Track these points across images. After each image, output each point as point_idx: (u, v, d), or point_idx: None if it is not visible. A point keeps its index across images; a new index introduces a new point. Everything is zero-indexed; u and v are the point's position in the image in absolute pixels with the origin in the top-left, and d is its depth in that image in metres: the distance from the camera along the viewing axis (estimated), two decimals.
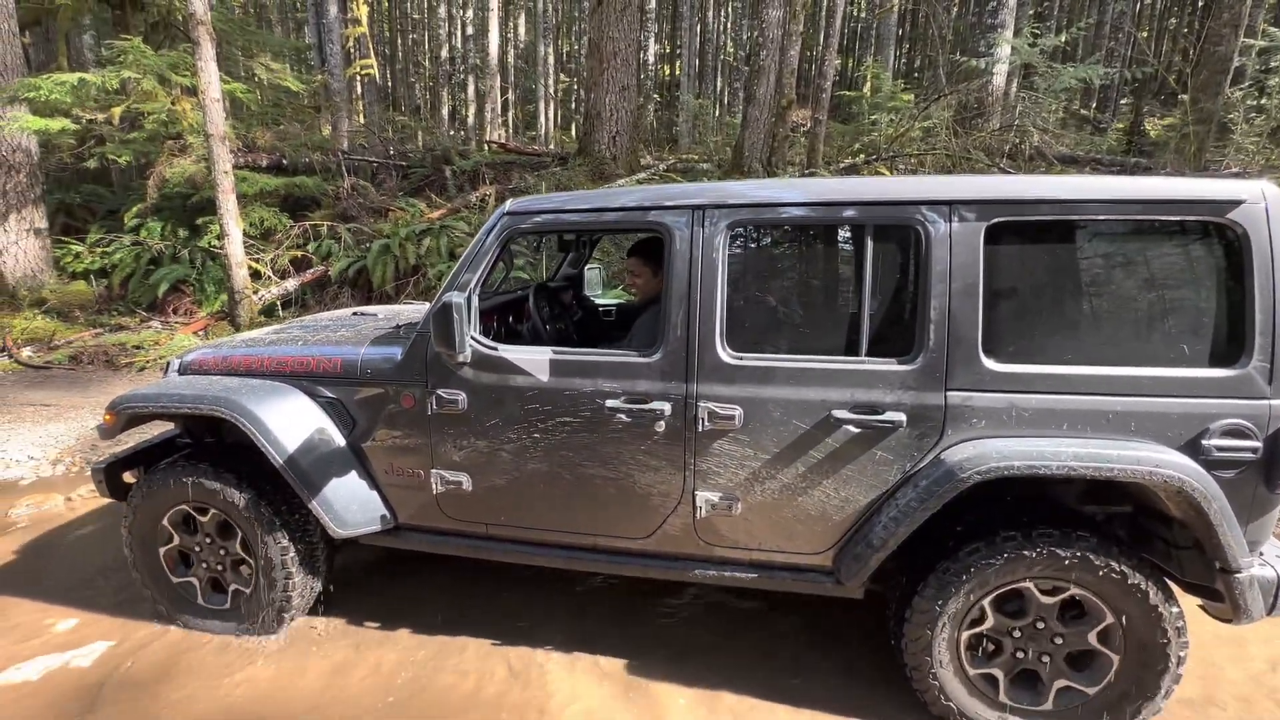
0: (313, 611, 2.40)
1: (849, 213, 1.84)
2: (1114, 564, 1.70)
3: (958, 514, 1.85)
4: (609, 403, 1.94)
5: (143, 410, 2.20)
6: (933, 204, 1.77)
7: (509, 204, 2.08)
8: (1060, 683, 1.84)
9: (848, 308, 1.94)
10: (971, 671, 1.86)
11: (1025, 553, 1.72)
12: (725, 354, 1.89)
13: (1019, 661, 1.85)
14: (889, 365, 1.80)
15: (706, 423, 1.89)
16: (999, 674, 1.86)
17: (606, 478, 2.00)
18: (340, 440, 2.20)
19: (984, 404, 1.75)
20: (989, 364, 1.74)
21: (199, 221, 7.62)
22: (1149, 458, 1.63)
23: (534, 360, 2.01)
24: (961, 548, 1.78)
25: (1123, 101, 13.60)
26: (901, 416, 1.78)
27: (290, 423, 2.13)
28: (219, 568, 2.32)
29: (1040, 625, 1.81)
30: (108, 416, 2.27)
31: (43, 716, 1.95)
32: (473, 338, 2.01)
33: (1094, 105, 13.43)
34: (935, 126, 8.49)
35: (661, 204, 1.95)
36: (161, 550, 2.33)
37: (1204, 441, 1.65)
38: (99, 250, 7.87)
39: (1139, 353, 1.71)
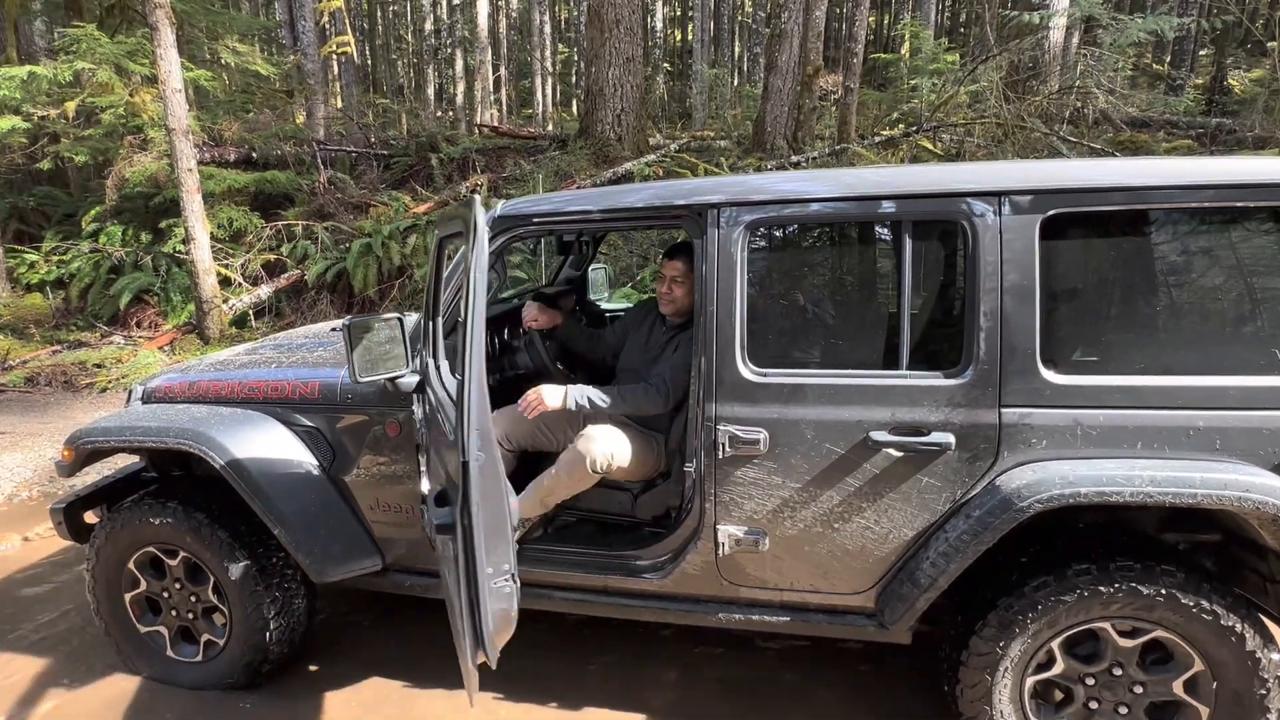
0: (292, 662, 2.43)
1: (884, 207, 1.82)
2: (1204, 602, 1.66)
3: (1020, 543, 1.83)
4: None
5: (103, 445, 2.24)
6: (980, 195, 1.75)
7: (500, 207, 2.09)
8: None
9: (885, 315, 1.93)
10: None
11: (1101, 589, 1.69)
12: (747, 370, 1.88)
13: (1092, 713, 1.82)
14: (934, 380, 1.78)
15: (727, 448, 1.88)
16: None
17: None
18: (319, 473, 2.22)
19: (1044, 422, 1.72)
20: (1049, 376, 1.72)
21: (162, 225, 7.75)
22: (1238, 480, 1.59)
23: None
24: (1027, 582, 1.76)
25: (1201, 54, 13.37)
26: (949, 438, 1.76)
27: (264, 456, 2.16)
28: (189, 615, 2.35)
29: (1117, 672, 1.78)
30: (66, 452, 2.32)
31: None
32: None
33: (1168, 60, 13.22)
34: (984, 91, 8.40)
35: (671, 203, 1.95)
36: (127, 597, 2.37)
37: None
38: (55, 259, 8.04)
39: (1225, 360, 1.67)
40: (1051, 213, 1.71)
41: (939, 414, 1.77)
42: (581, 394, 2.16)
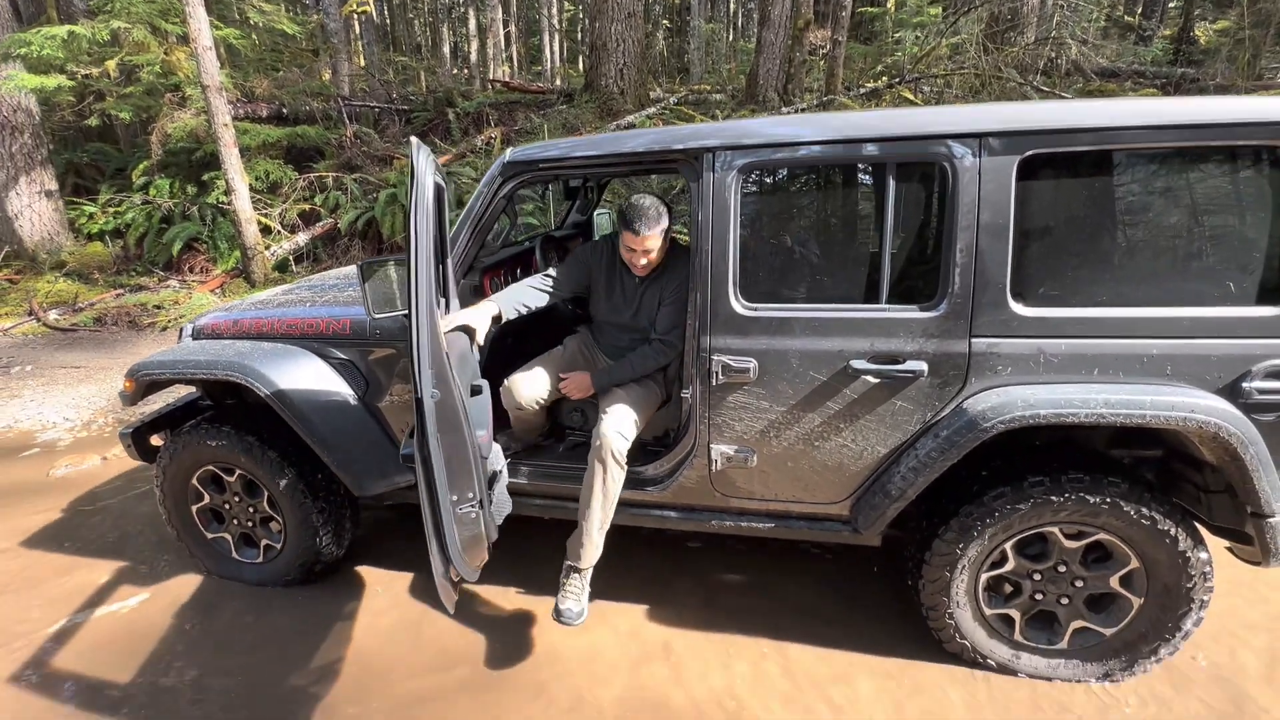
0: (342, 563, 2.49)
1: (869, 150, 1.71)
2: (1144, 509, 1.66)
3: (981, 460, 1.82)
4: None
5: (159, 377, 2.22)
6: (960, 137, 1.64)
7: (509, 154, 1.99)
8: (1077, 624, 1.85)
9: (868, 253, 1.85)
10: (988, 612, 1.87)
11: (1053, 498, 1.69)
12: (739, 305, 1.82)
13: (1037, 603, 1.86)
14: (910, 313, 1.73)
15: (720, 376, 1.84)
16: (1015, 614, 1.87)
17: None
18: (355, 401, 2.20)
19: (1010, 351, 1.67)
20: (1017, 309, 1.66)
21: (205, 177, 7.53)
22: (1184, 403, 1.56)
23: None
24: (986, 493, 1.75)
25: (1171, 6, 12.55)
26: (923, 366, 1.72)
27: (304, 386, 2.14)
28: (249, 524, 2.39)
29: (1062, 569, 1.80)
30: (127, 384, 2.30)
31: (98, 659, 2.07)
32: None
33: (1139, 11, 12.41)
34: (964, 43, 7.94)
35: (669, 148, 1.84)
36: (194, 508, 2.41)
37: (1245, 384, 1.57)
38: (111, 210, 7.86)
39: (1179, 292, 1.61)
40: (1029, 153, 1.61)
41: (914, 344, 1.73)
42: (608, 377, 2.11)
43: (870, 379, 1.76)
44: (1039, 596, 1.85)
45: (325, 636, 2.16)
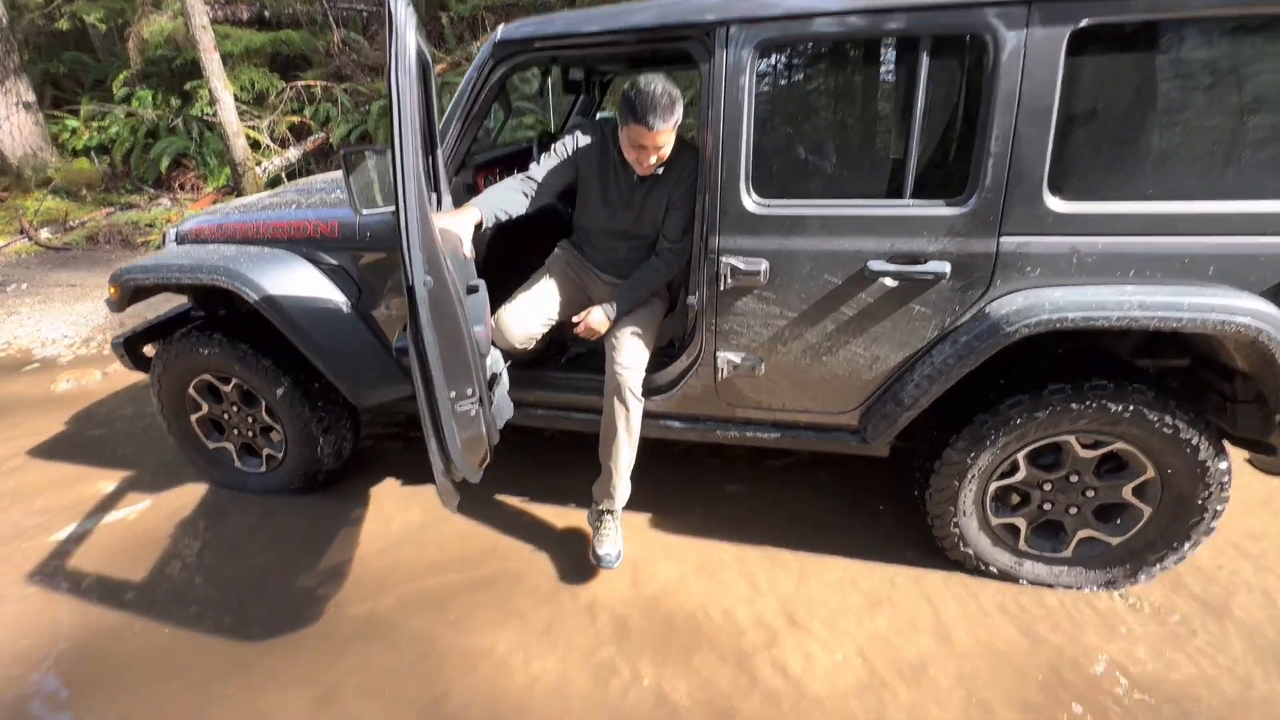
0: (344, 472, 2.48)
1: (899, 21, 1.52)
2: (1168, 418, 1.59)
3: (997, 369, 1.74)
4: None
5: (143, 281, 2.12)
6: (1006, 4, 1.45)
7: (500, 31, 1.79)
8: (1084, 533, 1.83)
9: (893, 142, 1.69)
10: (994, 521, 1.85)
11: (1073, 406, 1.62)
12: (750, 201, 1.69)
13: (1044, 513, 1.83)
14: (936, 209, 1.59)
15: (729, 279, 1.74)
16: (1021, 524, 1.85)
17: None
18: (348, 309, 2.11)
19: (1041, 250, 1.55)
20: (1053, 203, 1.52)
21: (188, 87, 7.14)
22: (1224, 305, 1.45)
23: None
24: (1003, 401, 1.68)
25: None
26: (945, 267, 1.60)
27: (294, 292, 2.04)
28: (249, 434, 2.37)
29: (1074, 479, 1.76)
30: (112, 289, 2.21)
31: (108, 561, 2.10)
32: None
33: None
34: None
35: (678, 22, 1.65)
36: (193, 418, 2.38)
37: None
38: (95, 125, 7.51)
39: (1233, 184, 1.46)
40: (1084, 23, 1.42)
41: (937, 243, 1.60)
42: (616, 307, 1.94)
43: (888, 282, 1.65)
44: (1047, 506, 1.81)
45: (332, 541, 2.18)
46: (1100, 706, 1.54)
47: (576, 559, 2.06)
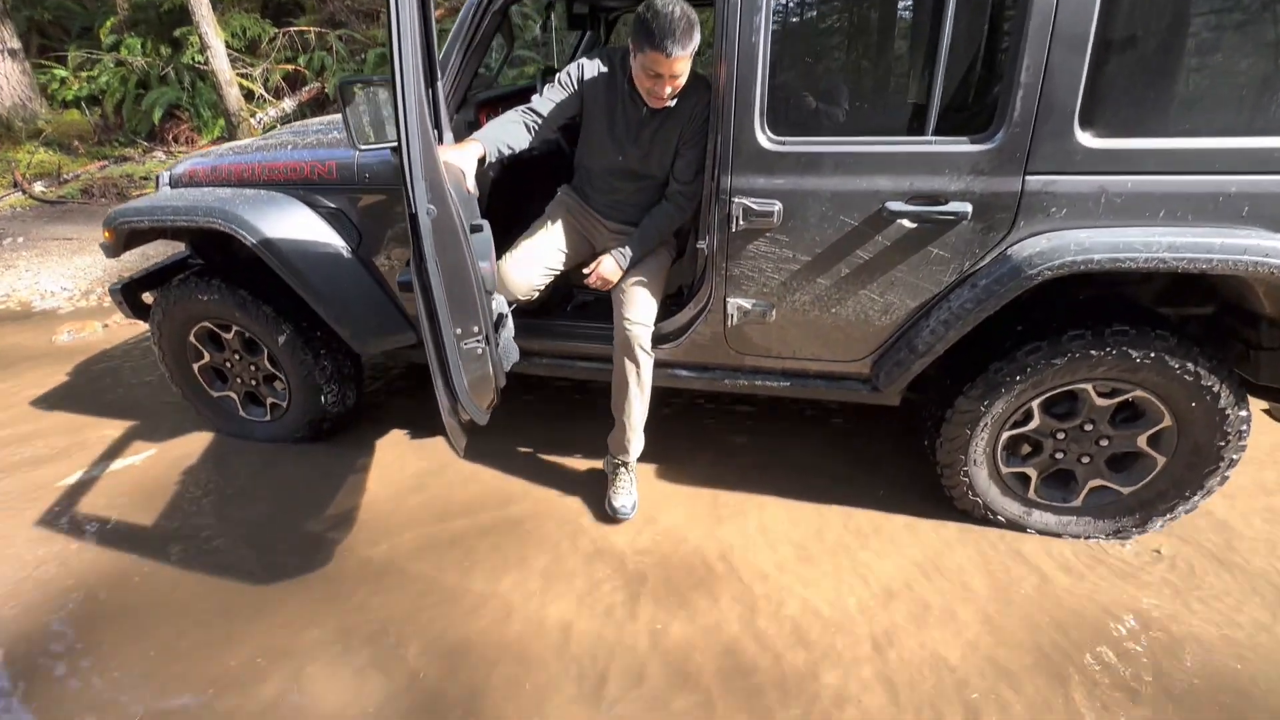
0: (350, 421, 2.47)
1: None
2: (1190, 364, 1.55)
3: (1015, 315, 1.69)
4: None
5: (138, 224, 2.07)
6: None
7: None
8: (1095, 482, 1.81)
9: (915, 75, 1.60)
10: (1005, 470, 1.84)
11: (1093, 353, 1.58)
12: (765, 138, 1.61)
13: (1056, 462, 1.81)
14: (960, 146, 1.52)
15: (740, 221, 1.67)
16: (1032, 473, 1.83)
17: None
18: (349, 254, 2.06)
19: (1068, 190, 1.49)
20: (1083, 139, 1.45)
21: (178, 33, 6.90)
22: (1258, 246, 1.40)
23: None
24: (1020, 348, 1.64)
25: None
26: (967, 208, 1.54)
27: (293, 236, 1.98)
28: (252, 382, 2.34)
29: (1088, 428, 1.73)
30: (106, 233, 2.16)
31: (116, 506, 2.11)
32: None
33: None
34: None
35: None
36: (195, 367, 2.36)
37: None
38: (84, 75, 7.29)
39: (1275, 119, 1.39)
40: None
41: (959, 183, 1.54)
42: (626, 255, 1.87)
43: (906, 223, 1.59)
44: (1059, 455, 1.79)
45: (340, 487, 2.18)
46: (1110, 651, 1.54)
47: (585, 506, 2.06)
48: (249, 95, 6.51)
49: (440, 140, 1.66)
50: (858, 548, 1.87)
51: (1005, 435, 1.78)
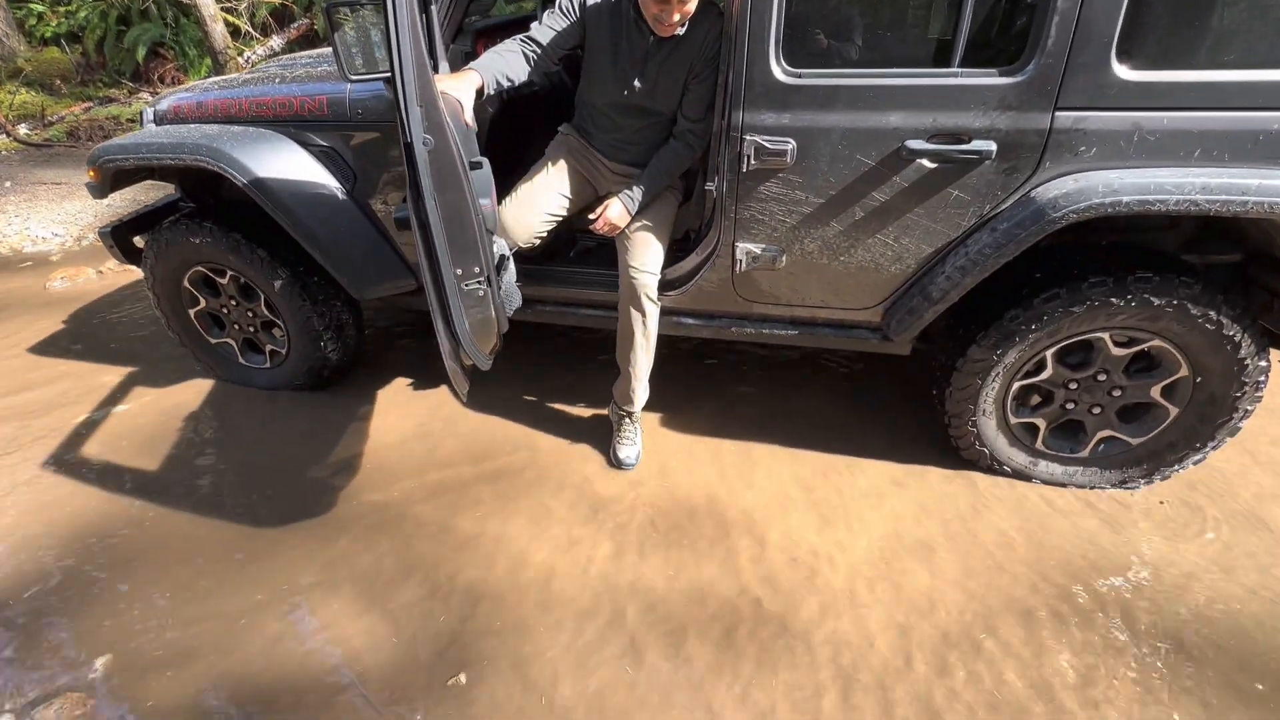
0: (350, 369, 2.45)
1: None
2: (1212, 313, 1.51)
3: (1032, 263, 1.64)
4: None
5: (123, 162, 1.98)
6: None
7: None
8: (1104, 433, 1.79)
9: (943, 2, 1.50)
10: (1013, 420, 1.82)
11: (1114, 300, 1.53)
12: (780, 71, 1.52)
13: (1066, 413, 1.79)
14: (987, 79, 1.43)
15: (752, 161, 1.60)
16: (1041, 423, 1.81)
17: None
18: (343, 195, 1.98)
19: (1100, 127, 1.41)
20: (1120, 71, 1.36)
21: None
22: None
23: None
24: (1038, 295, 1.59)
25: None
26: (991, 146, 1.46)
27: (285, 176, 1.90)
28: (250, 329, 2.31)
29: (1102, 378, 1.70)
30: (91, 172, 2.08)
31: (115, 452, 2.11)
32: None
33: None
34: None
35: None
36: (191, 313, 2.31)
37: None
38: (61, 10, 6.96)
39: None
40: None
41: (985, 119, 1.46)
42: (634, 198, 1.79)
43: (926, 163, 1.52)
44: (1070, 406, 1.77)
45: (343, 434, 2.17)
46: (1112, 596, 1.56)
47: (591, 454, 2.05)
48: (235, 32, 6.24)
49: (435, 69, 1.57)
50: (863, 496, 1.87)
51: (1016, 385, 1.76)
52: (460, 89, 1.53)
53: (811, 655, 1.45)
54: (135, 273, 3.37)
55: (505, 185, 1.90)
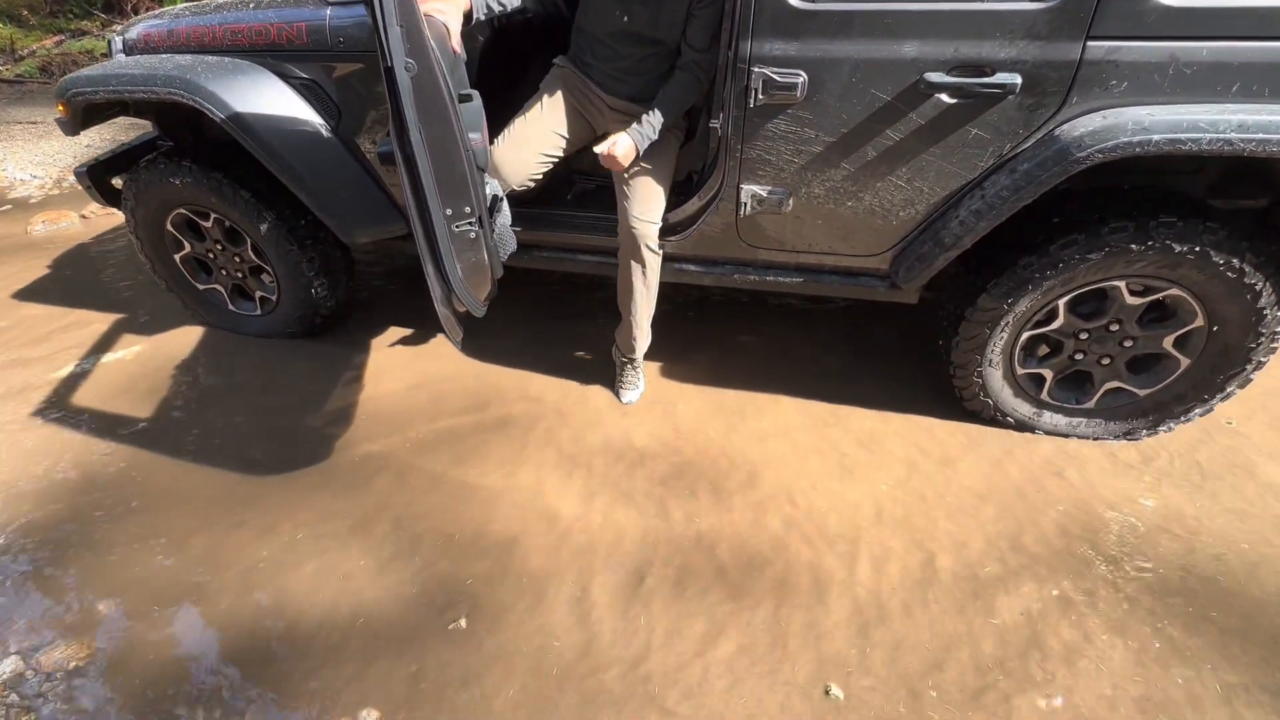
0: (343, 316, 2.40)
1: None
2: (1234, 261, 1.45)
3: (1048, 207, 1.57)
4: None
5: (91, 95, 1.88)
6: None
7: None
8: (1111, 384, 1.77)
9: None
10: (1020, 371, 1.79)
11: (1133, 246, 1.47)
12: None
13: (1074, 363, 1.76)
14: (1014, 3, 1.33)
15: (760, 95, 1.50)
16: (1047, 374, 1.79)
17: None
18: (328, 133, 1.89)
19: (1134, 58, 1.31)
20: None
21: None
22: None
23: None
24: (1054, 241, 1.53)
25: None
26: (1015, 79, 1.37)
27: (264, 111, 1.80)
28: (239, 275, 2.25)
29: (1114, 328, 1.66)
30: (60, 107, 1.97)
31: (106, 400, 2.09)
32: None
33: None
34: None
35: None
36: (176, 258, 2.25)
37: None
38: None
39: None
40: None
41: (1010, 49, 1.36)
42: (643, 133, 1.68)
43: (945, 98, 1.43)
44: (1079, 356, 1.74)
45: (338, 383, 2.15)
46: (1116, 542, 1.56)
47: (591, 401, 2.03)
48: None
49: None
50: (864, 445, 1.86)
51: (1025, 335, 1.72)
52: (446, 11, 1.41)
53: (828, 606, 1.46)
54: (119, 216, 3.27)
55: (498, 123, 1.80)
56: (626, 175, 1.74)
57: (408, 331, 2.39)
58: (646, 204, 1.72)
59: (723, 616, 1.43)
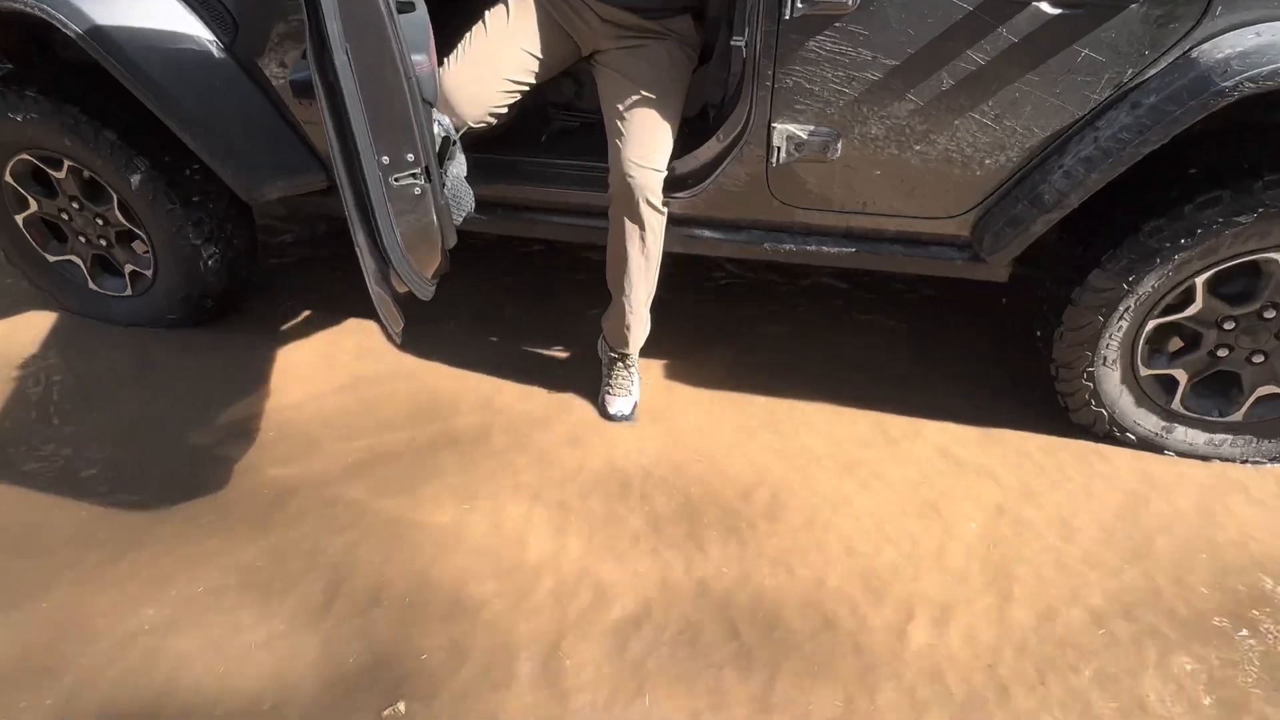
0: (245, 298, 2.42)
1: None
2: None
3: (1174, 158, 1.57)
4: None
5: None
6: None
7: None
8: (1265, 389, 1.78)
9: None
10: (1144, 372, 1.80)
11: None
12: None
13: (1217, 360, 1.77)
14: None
15: (799, 3, 1.50)
16: (1181, 375, 1.80)
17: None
18: (219, 52, 1.89)
19: None
20: None
21: None
22: None
23: None
24: (1191, 200, 1.54)
25: None
26: None
27: (133, 21, 1.80)
28: (101, 242, 2.26)
29: (1270, 315, 1.67)
30: None
31: None
32: None
33: None
34: None
35: None
36: (19, 219, 2.26)
37: None
38: None
39: None
40: None
41: None
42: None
43: (1046, 8, 1.43)
44: (1223, 353, 1.75)
45: (237, 389, 2.15)
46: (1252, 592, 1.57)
47: (570, 410, 2.06)
48: None
49: None
50: (937, 474, 1.87)
51: (1151, 325, 1.73)
52: None
53: (880, 676, 1.46)
54: None
55: (450, 39, 1.80)
56: (621, 107, 1.74)
57: (329, 316, 2.40)
58: (647, 146, 1.72)
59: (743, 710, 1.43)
